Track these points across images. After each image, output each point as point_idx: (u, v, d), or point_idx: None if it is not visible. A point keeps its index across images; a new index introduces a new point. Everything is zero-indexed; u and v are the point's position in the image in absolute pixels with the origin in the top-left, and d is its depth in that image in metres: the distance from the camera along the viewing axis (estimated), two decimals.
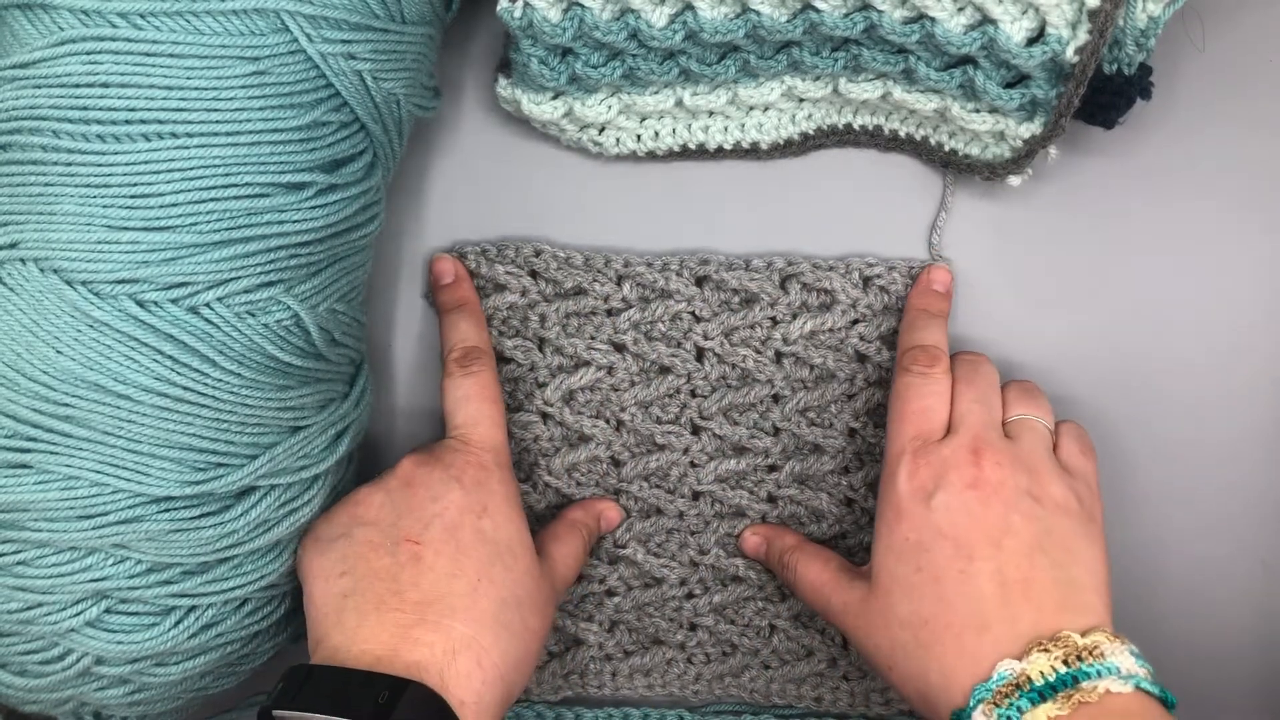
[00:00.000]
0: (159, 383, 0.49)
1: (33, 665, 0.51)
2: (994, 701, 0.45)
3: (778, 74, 0.56)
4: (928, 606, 0.49)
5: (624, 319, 0.60)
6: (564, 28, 0.52)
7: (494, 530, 0.53)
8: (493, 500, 0.54)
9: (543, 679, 0.63)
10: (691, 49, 0.54)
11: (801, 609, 0.62)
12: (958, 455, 0.51)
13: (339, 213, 0.52)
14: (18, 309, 0.48)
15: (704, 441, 0.61)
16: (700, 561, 0.62)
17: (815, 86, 0.57)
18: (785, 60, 0.55)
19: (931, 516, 0.50)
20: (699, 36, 0.52)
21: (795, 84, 0.57)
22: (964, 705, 0.46)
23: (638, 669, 0.63)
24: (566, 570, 0.58)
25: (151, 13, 0.47)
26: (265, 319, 0.50)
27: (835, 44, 0.54)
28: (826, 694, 0.63)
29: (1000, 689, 0.45)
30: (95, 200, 0.48)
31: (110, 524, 0.49)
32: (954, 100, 0.55)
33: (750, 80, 0.57)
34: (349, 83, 0.51)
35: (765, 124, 0.59)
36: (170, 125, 0.48)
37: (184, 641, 0.52)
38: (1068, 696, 0.44)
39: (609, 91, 0.57)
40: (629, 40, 0.53)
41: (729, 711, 0.64)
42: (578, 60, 0.54)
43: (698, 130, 0.59)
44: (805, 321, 0.60)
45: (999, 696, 0.45)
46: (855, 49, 0.54)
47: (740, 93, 0.57)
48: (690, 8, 0.52)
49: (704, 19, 0.51)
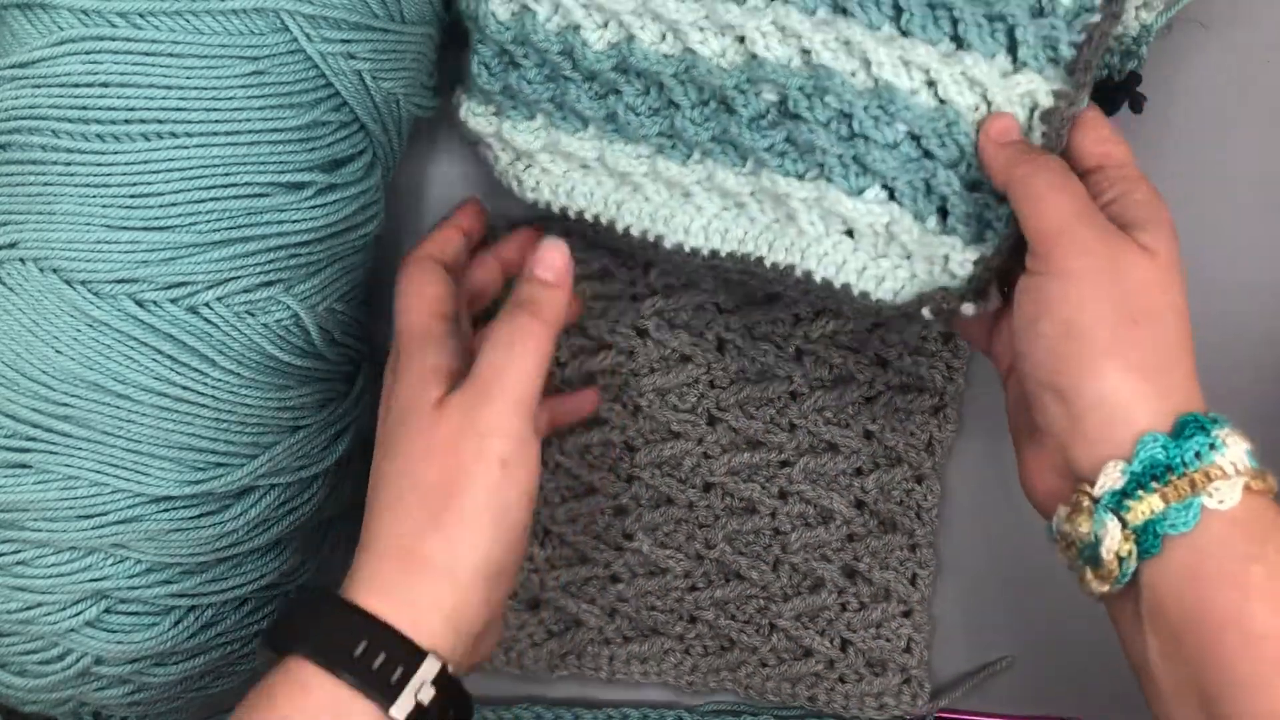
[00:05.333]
0: (158, 382, 0.49)
1: (32, 665, 0.51)
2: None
3: (706, 149, 0.52)
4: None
5: (648, 305, 0.60)
6: (508, 26, 0.52)
7: (387, 413, 0.50)
8: (389, 385, 0.51)
9: (540, 655, 0.63)
10: (625, 87, 0.53)
11: (803, 609, 0.62)
12: None
13: (338, 212, 0.52)
14: (17, 309, 0.48)
15: (719, 433, 0.61)
16: (706, 555, 0.62)
17: (740, 180, 0.52)
18: (716, 126, 0.51)
19: None
20: (630, 64, 0.51)
21: (718, 170, 0.52)
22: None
23: (635, 656, 0.63)
24: (483, 365, 0.49)
25: (151, 12, 0.47)
26: (265, 318, 0.50)
27: (775, 118, 0.50)
28: (821, 694, 0.63)
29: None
30: (94, 200, 0.48)
31: (110, 524, 0.49)
32: (904, 211, 0.49)
33: (675, 154, 0.53)
34: (348, 82, 0.51)
35: (682, 223, 0.54)
36: (170, 125, 0.48)
37: (183, 641, 0.52)
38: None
39: (540, 118, 0.55)
40: (563, 57, 0.52)
41: (728, 712, 0.64)
42: (516, 71, 0.54)
43: (612, 204, 0.56)
44: (828, 320, 0.60)
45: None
46: (798, 126, 0.50)
47: (660, 163, 0.53)
48: (631, 38, 0.51)
49: (640, 49, 0.51)
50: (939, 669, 0.64)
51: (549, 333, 0.49)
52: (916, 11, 0.48)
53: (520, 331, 0.49)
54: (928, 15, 0.48)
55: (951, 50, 0.48)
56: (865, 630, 0.62)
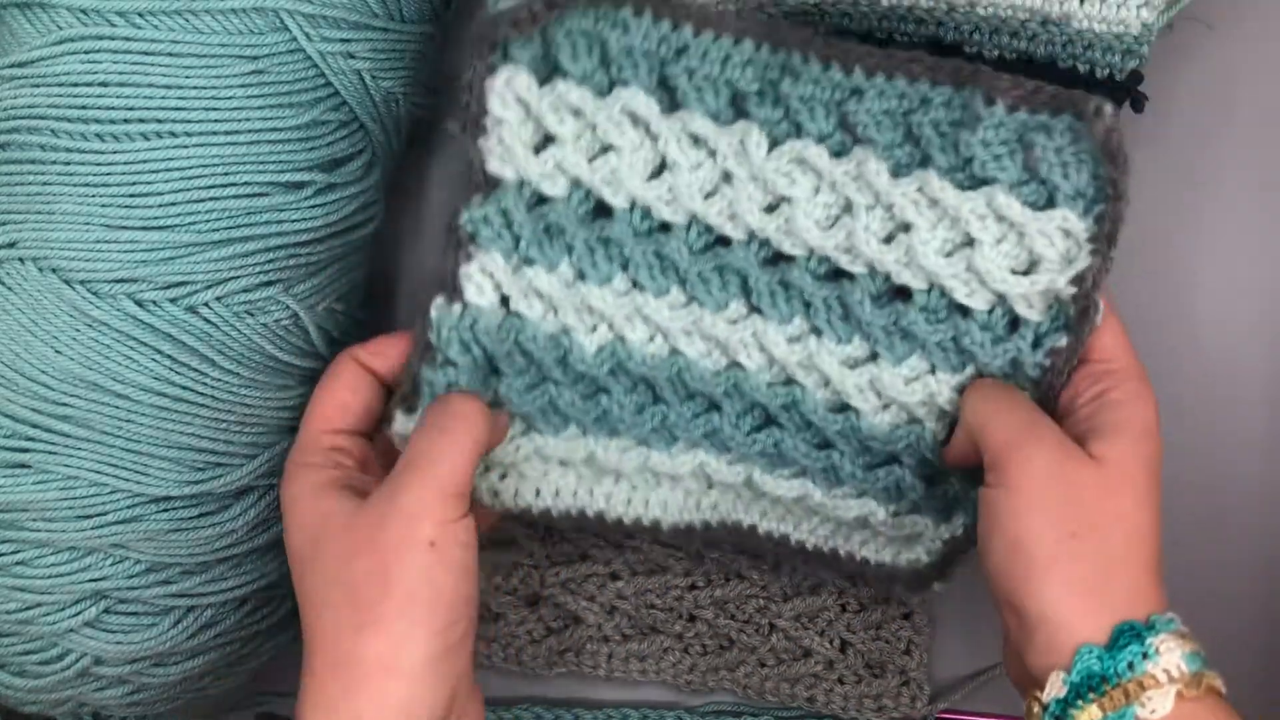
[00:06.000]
0: (157, 382, 0.49)
1: (31, 666, 0.51)
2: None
3: (695, 443, 0.53)
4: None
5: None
6: (503, 336, 0.50)
7: (291, 541, 0.47)
8: (284, 511, 0.48)
9: (538, 652, 0.63)
10: (614, 386, 0.52)
11: (803, 610, 0.62)
12: None
13: (338, 212, 0.52)
14: (16, 308, 0.48)
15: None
16: (706, 554, 0.62)
17: (730, 471, 0.53)
18: (705, 425, 0.52)
19: None
20: (627, 368, 0.51)
21: (709, 460, 0.53)
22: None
23: (634, 654, 0.63)
24: (407, 453, 0.47)
25: (150, 11, 0.47)
26: (264, 318, 0.50)
27: (757, 422, 0.52)
28: (820, 695, 0.62)
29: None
30: (94, 199, 0.48)
31: (109, 524, 0.49)
32: (879, 505, 0.53)
33: (666, 446, 0.53)
34: (348, 82, 0.51)
35: (670, 503, 0.55)
36: (169, 124, 0.48)
37: (183, 642, 0.51)
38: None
39: (520, 429, 0.53)
40: (558, 366, 0.51)
41: (728, 712, 0.64)
42: (501, 381, 0.51)
43: (600, 496, 0.55)
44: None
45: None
46: (778, 434, 0.52)
47: (653, 457, 0.53)
48: (621, 339, 0.51)
49: (634, 351, 0.51)
50: (938, 671, 0.64)
51: (480, 420, 0.48)
52: (881, 337, 0.49)
53: (449, 417, 0.48)
54: (895, 337, 0.49)
55: (920, 372, 0.50)
56: (865, 632, 0.62)
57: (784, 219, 0.48)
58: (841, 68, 0.46)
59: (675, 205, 0.48)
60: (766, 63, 0.46)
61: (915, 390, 0.49)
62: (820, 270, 0.49)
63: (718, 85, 0.46)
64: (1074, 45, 0.53)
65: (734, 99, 0.47)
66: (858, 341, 0.49)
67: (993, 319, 0.48)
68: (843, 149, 0.47)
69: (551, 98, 0.46)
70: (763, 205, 0.48)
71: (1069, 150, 0.45)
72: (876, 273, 0.48)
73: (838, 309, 0.49)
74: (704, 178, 0.48)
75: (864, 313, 0.48)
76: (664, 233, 0.49)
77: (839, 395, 0.50)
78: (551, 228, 0.49)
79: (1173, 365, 0.61)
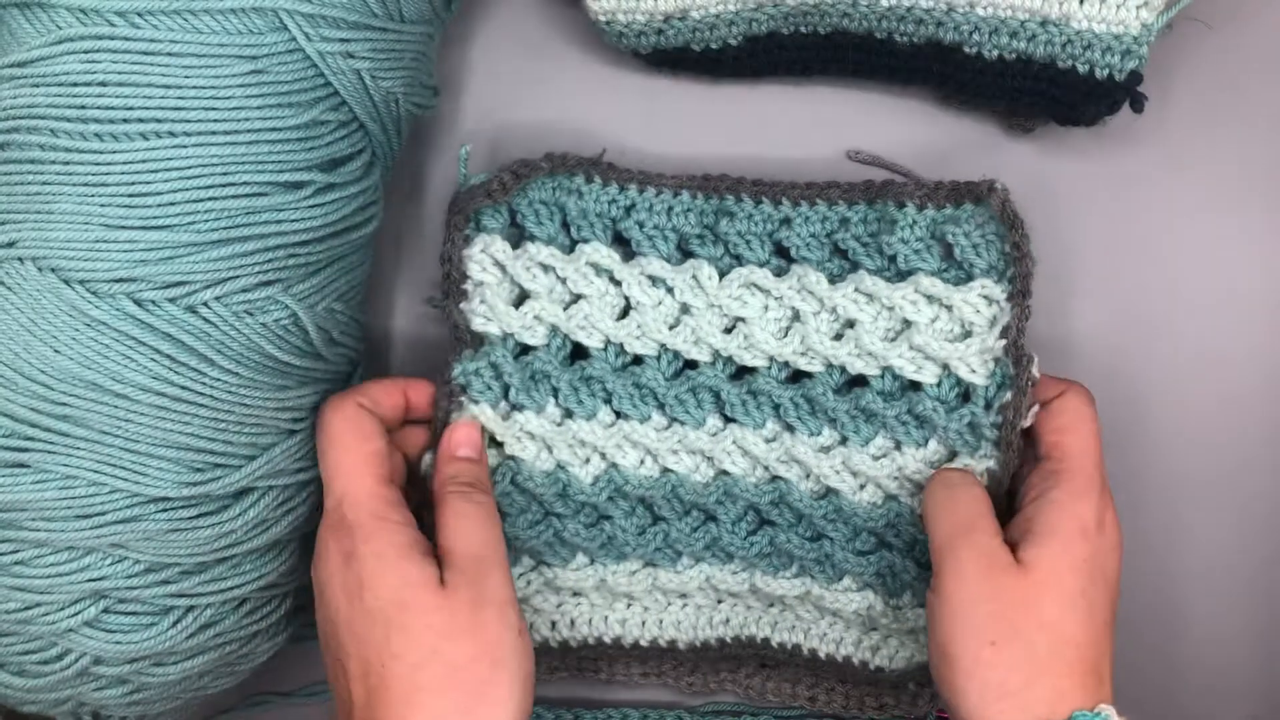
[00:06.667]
0: (157, 382, 0.49)
1: (31, 665, 0.51)
2: None
3: (698, 556, 0.57)
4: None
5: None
6: (498, 479, 0.55)
7: (375, 598, 0.48)
8: (364, 565, 0.48)
9: (538, 660, 0.63)
10: (614, 511, 0.56)
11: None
12: None
13: (337, 212, 0.52)
14: (15, 308, 0.48)
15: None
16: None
17: (735, 580, 0.57)
18: (706, 537, 0.56)
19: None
20: (624, 491, 0.55)
21: (714, 572, 0.57)
22: None
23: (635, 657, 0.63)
24: (464, 543, 0.50)
25: (149, 11, 0.47)
26: (263, 318, 0.50)
27: (752, 525, 0.56)
28: (821, 695, 0.62)
29: None
30: (93, 199, 0.48)
31: (108, 524, 0.49)
32: (878, 596, 0.56)
33: (671, 563, 0.57)
34: (347, 82, 0.51)
35: (683, 621, 0.59)
36: (168, 124, 0.48)
37: (182, 641, 0.51)
38: None
39: (529, 564, 0.58)
40: (559, 500, 0.56)
41: (728, 712, 0.64)
42: (505, 521, 0.55)
43: (614, 622, 0.59)
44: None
45: None
46: (772, 532, 0.56)
47: (661, 575, 0.57)
48: (614, 465, 0.55)
49: (628, 475, 0.55)
50: None
51: (492, 502, 0.53)
52: (847, 421, 0.54)
53: (472, 506, 0.51)
54: (859, 420, 0.54)
55: (887, 449, 0.54)
56: None
57: (743, 336, 0.54)
58: (771, 202, 0.55)
59: (644, 339, 0.55)
60: (703, 209, 0.55)
61: (884, 465, 0.54)
62: (782, 375, 0.55)
63: (665, 233, 0.55)
64: (1073, 45, 0.53)
65: (680, 242, 0.55)
66: (828, 431, 0.55)
67: (942, 390, 0.53)
68: (782, 270, 0.54)
69: (524, 258, 0.54)
70: (721, 328, 0.54)
71: (977, 234, 0.52)
72: (833, 367, 0.54)
73: (805, 405, 0.55)
74: (665, 312, 0.54)
75: (828, 403, 0.54)
76: (638, 365, 0.55)
77: (821, 482, 0.55)
78: (537, 374, 0.55)
79: (1171, 365, 0.61)
